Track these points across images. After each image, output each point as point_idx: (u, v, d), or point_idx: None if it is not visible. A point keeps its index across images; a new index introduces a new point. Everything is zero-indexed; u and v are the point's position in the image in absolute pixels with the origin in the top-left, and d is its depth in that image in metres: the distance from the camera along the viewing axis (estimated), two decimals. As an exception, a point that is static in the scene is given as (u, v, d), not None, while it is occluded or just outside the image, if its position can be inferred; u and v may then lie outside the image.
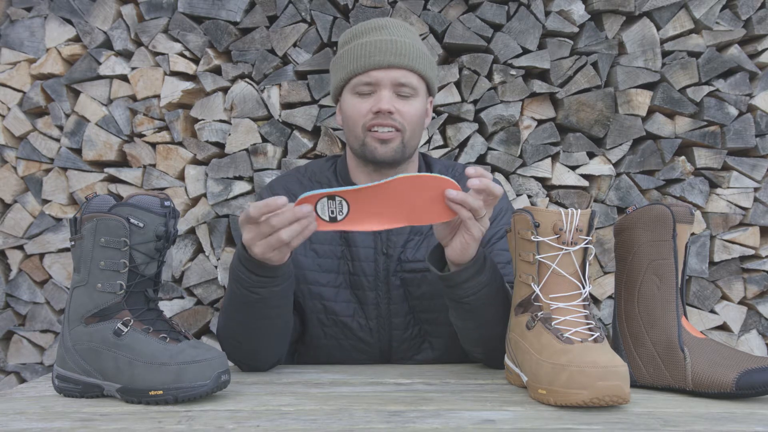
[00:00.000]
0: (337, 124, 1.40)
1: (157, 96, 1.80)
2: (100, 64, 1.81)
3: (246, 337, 1.17)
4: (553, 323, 0.97)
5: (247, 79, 1.79)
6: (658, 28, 1.78)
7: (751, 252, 1.78)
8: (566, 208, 1.31)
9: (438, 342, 1.32)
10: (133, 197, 1.02)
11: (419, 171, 1.37)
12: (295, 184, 1.38)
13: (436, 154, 1.77)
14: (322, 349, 1.34)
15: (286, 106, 1.81)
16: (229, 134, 1.79)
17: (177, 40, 1.80)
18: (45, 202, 1.83)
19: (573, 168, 1.78)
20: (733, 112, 1.77)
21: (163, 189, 1.80)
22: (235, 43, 1.79)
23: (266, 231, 1.01)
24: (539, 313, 0.99)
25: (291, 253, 1.09)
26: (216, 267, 1.79)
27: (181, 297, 1.80)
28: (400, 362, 1.32)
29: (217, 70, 1.81)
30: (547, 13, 1.77)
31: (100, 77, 1.82)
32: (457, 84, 1.78)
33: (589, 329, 0.96)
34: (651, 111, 1.79)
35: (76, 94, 1.84)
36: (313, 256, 1.33)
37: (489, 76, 1.78)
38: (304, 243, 1.30)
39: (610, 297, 1.78)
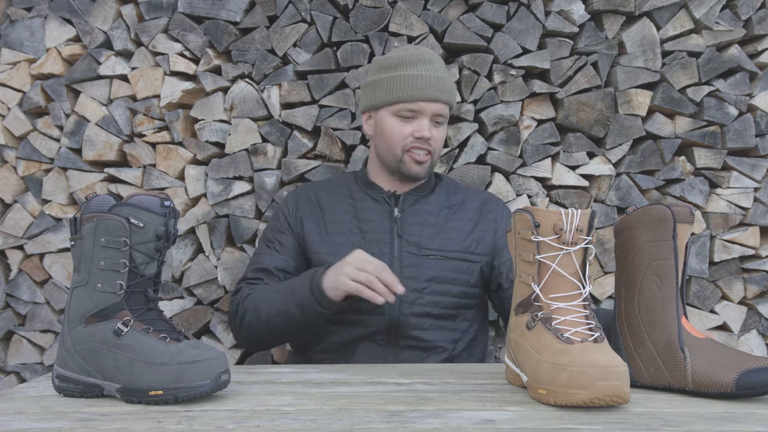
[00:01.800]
0: (366, 132, 1.59)
1: (157, 96, 1.80)
2: (100, 64, 1.81)
3: (271, 333, 1.42)
4: (553, 323, 0.97)
5: (247, 79, 1.79)
6: (658, 28, 1.78)
7: (751, 252, 1.78)
8: (566, 208, 1.30)
9: (439, 323, 1.46)
10: (133, 197, 1.02)
11: (430, 182, 1.58)
12: (319, 189, 1.59)
13: (436, 154, 1.77)
14: (331, 335, 1.46)
15: (286, 106, 1.81)
16: (229, 134, 1.79)
17: (177, 40, 1.80)
18: (45, 202, 1.83)
19: (573, 168, 1.78)
20: (733, 112, 1.77)
21: (163, 189, 1.80)
22: (235, 43, 1.79)
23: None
24: (539, 313, 0.99)
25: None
26: (216, 267, 1.79)
27: (181, 297, 1.80)
28: (406, 340, 1.44)
29: (217, 70, 1.81)
30: (547, 13, 1.77)
31: (100, 77, 1.82)
32: (457, 84, 1.78)
33: (589, 329, 0.96)
34: (651, 111, 1.79)
35: (76, 94, 1.84)
36: (330, 244, 1.49)
37: (489, 76, 1.78)
38: (322, 236, 1.51)
39: (610, 297, 1.78)
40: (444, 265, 1.47)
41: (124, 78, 1.82)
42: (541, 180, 1.80)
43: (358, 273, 1.28)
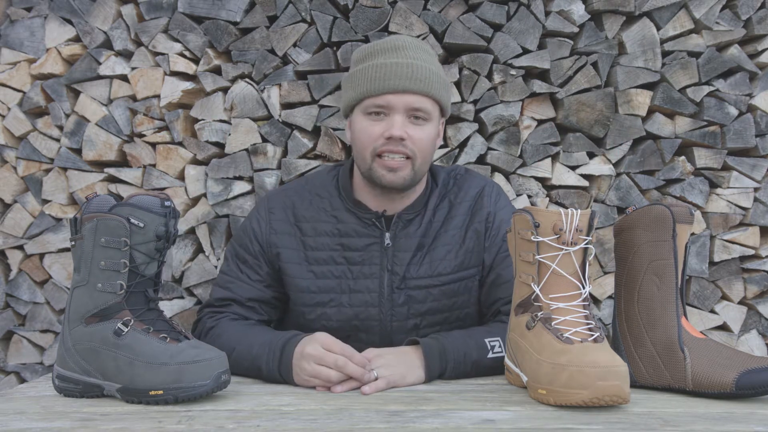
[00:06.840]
0: (347, 140, 1.40)
1: (157, 96, 1.80)
2: (100, 64, 1.81)
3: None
4: (553, 323, 0.97)
5: (247, 79, 1.79)
6: (658, 28, 1.78)
7: (751, 252, 1.78)
8: (566, 208, 1.30)
9: None
10: (133, 197, 1.02)
11: (427, 186, 1.39)
12: (296, 198, 1.39)
13: (436, 154, 1.77)
14: None
15: (286, 106, 1.81)
16: (229, 134, 1.79)
17: (177, 40, 1.80)
18: (45, 202, 1.83)
19: (573, 168, 1.78)
20: (733, 112, 1.77)
21: (163, 189, 1.80)
22: (235, 43, 1.79)
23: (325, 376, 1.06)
24: (539, 313, 0.99)
25: None
26: (216, 267, 1.79)
27: (181, 297, 1.80)
28: None
29: (217, 70, 1.81)
30: (547, 13, 1.77)
31: (100, 77, 1.82)
32: (457, 84, 1.78)
33: (589, 329, 0.96)
34: (651, 111, 1.79)
35: (76, 94, 1.84)
36: (311, 277, 1.34)
37: (489, 76, 1.78)
38: (301, 264, 1.34)
39: (610, 297, 1.78)
40: (435, 294, 1.31)
41: (124, 78, 1.82)
42: (541, 180, 1.80)
43: (318, 369, 1.07)
